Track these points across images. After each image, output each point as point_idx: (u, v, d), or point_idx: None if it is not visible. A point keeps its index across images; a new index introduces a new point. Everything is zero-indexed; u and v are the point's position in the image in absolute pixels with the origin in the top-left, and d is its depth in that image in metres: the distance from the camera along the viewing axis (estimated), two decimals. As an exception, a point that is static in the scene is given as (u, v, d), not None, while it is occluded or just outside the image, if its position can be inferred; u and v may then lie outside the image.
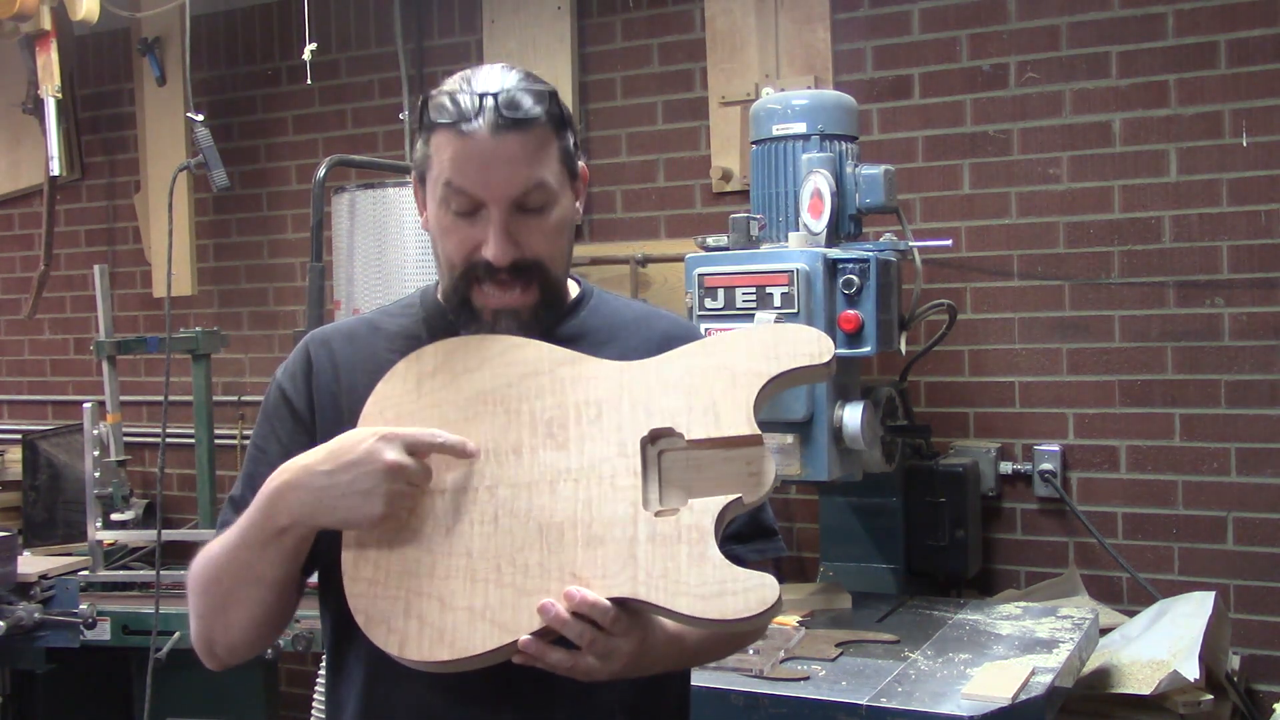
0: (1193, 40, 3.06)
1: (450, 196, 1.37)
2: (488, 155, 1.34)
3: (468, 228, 1.37)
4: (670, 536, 1.25)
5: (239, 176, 4.15)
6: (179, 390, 3.76)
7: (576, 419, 1.33)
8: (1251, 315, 3.03)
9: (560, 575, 1.26)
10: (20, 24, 3.52)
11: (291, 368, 1.51)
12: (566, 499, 1.30)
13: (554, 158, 1.39)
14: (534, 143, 1.36)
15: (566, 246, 1.45)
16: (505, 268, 1.37)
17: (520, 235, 1.37)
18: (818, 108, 2.85)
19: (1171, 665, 2.47)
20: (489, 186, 1.35)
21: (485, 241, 1.36)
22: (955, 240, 3.16)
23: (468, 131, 1.34)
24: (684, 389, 1.33)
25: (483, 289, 1.39)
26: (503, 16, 3.82)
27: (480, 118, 1.33)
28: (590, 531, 1.28)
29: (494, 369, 1.37)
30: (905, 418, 3.08)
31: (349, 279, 3.26)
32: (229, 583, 1.37)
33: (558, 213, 1.40)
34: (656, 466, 1.30)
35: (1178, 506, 3.10)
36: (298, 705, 3.89)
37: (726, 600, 1.23)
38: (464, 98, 1.35)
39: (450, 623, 1.27)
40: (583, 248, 3.69)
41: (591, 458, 1.31)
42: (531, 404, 1.35)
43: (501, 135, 1.33)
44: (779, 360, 1.33)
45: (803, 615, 2.72)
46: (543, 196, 1.38)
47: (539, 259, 1.39)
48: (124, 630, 3.33)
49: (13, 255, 4.78)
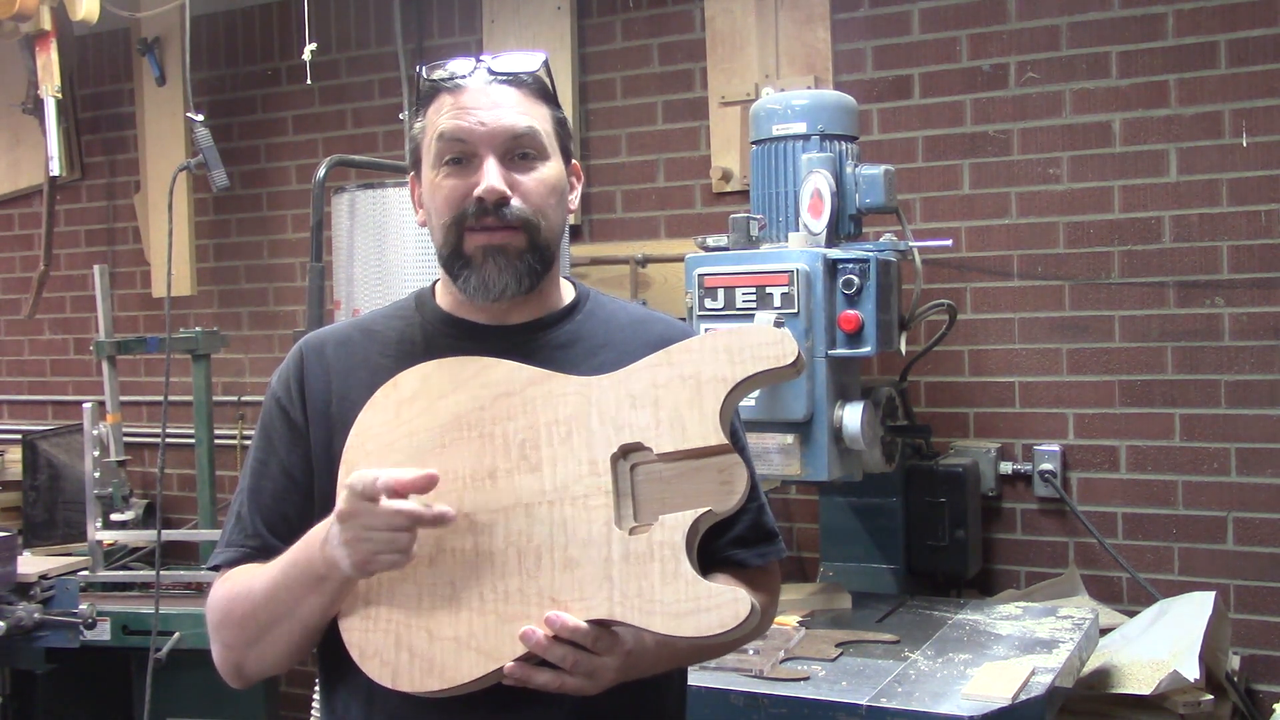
0: (1193, 40, 3.06)
1: (444, 149, 1.41)
2: (481, 102, 1.40)
3: (459, 179, 1.40)
4: (643, 555, 1.26)
5: (239, 176, 4.15)
6: (179, 390, 3.76)
7: (548, 439, 1.33)
8: (1251, 315, 3.03)
9: (540, 600, 1.28)
10: (20, 24, 3.52)
11: (285, 377, 1.50)
12: (542, 522, 1.30)
13: (545, 117, 1.45)
14: (526, 96, 1.43)
15: (557, 212, 1.46)
16: (493, 204, 1.39)
17: (510, 182, 1.40)
18: (818, 108, 2.85)
19: (1171, 665, 2.47)
20: (482, 129, 1.39)
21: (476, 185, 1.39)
22: (955, 240, 3.16)
23: (462, 85, 1.41)
24: (650, 402, 1.31)
25: (473, 233, 1.41)
26: (503, 16, 3.82)
27: (474, 75, 1.41)
28: (566, 554, 1.29)
29: (469, 392, 1.37)
30: (905, 418, 3.08)
31: (349, 279, 3.26)
32: (266, 619, 1.38)
33: (548, 171, 1.43)
34: (628, 482, 1.30)
35: (1178, 506, 3.10)
36: (298, 705, 3.89)
37: (700, 617, 1.24)
38: (457, 62, 1.43)
39: (438, 653, 1.30)
40: (583, 248, 3.69)
41: (564, 478, 1.31)
42: (504, 426, 1.34)
43: (494, 86, 1.41)
44: (742, 365, 1.31)
45: (803, 615, 2.72)
46: (533, 144, 1.42)
47: (527, 205, 1.41)
48: (124, 630, 3.33)
49: (13, 255, 4.78)
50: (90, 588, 3.48)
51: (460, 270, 1.43)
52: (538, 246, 1.42)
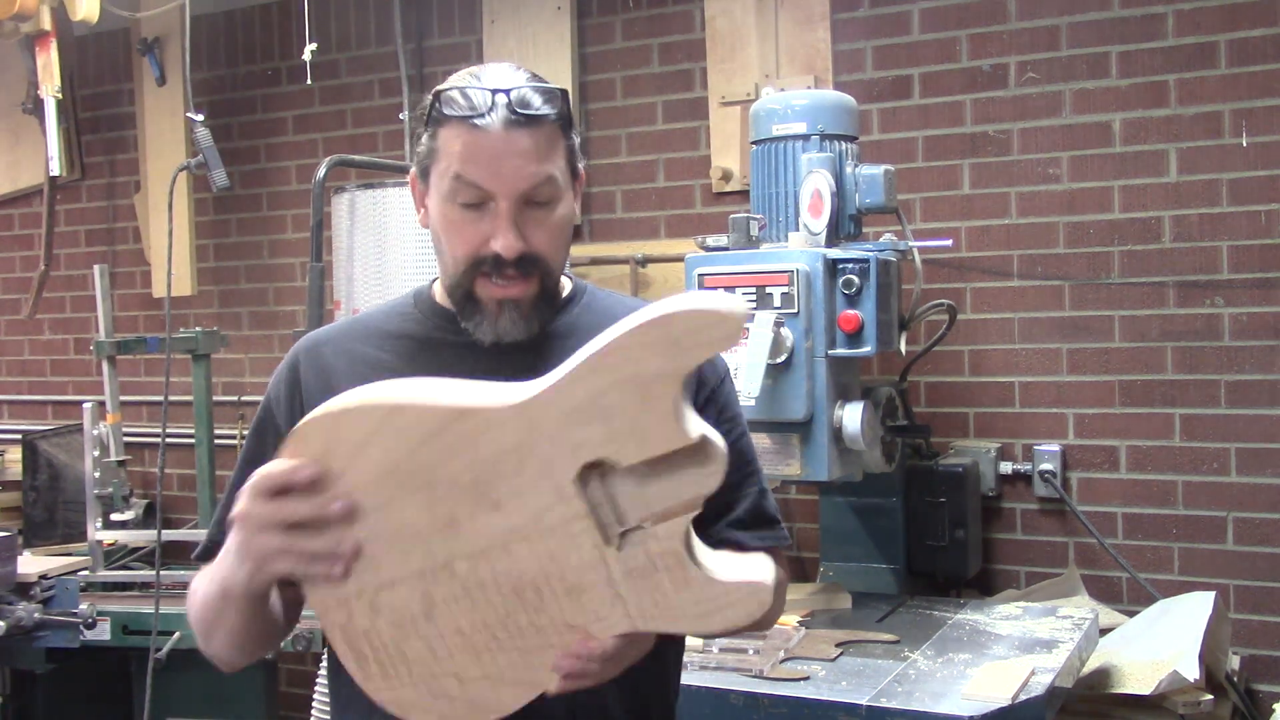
0: (1193, 40, 3.06)
1: (459, 189, 1.37)
2: (499, 149, 1.35)
3: (474, 221, 1.38)
4: (646, 569, 1.22)
5: (239, 176, 4.15)
6: (179, 390, 3.76)
7: (499, 474, 1.21)
8: (1251, 315, 3.03)
9: (556, 629, 1.24)
10: (20, 24, 3.52)
11: (280, 383, 1.50)
12: (526, 558, 1.22)
13: (561, 156, 1.41)
14: (544, 139, 1.38)
15: (566, 245, 1.46)
16: (513, 260, 1.37)
17: (526, 229, 1.38)
18: (818, 108, 2.85)
19: (1171, 665, 2.47)
20: (500, 179, 1.36)
21: (492, 235, 1.37)
22: (955, 240, 3.16)
23: (480, 125, 1.35)
24: (597, 415, 1.18)
25: (489, 281, 1.39)
26: (503, 16, 3.82)
27: (493, 113, 1.35)
28: (565, 583, 1.22)
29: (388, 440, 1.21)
30: (905, 418, 3.08)
31: (349, 279, 3.26)
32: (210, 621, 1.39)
33: (562, 209, 1.42)
34: (601, 494, 1.21)
35: (1178, 506, 3.10)
36: (298, 705, 3.88)
37: (725, 613, 1.22)
38: (476, 93, 1.36)
39: (476, 693, 1.27)
40: (583, 248, 3.69)
41: (532, 511, 1.21)
42: (445, 470, 1.21)
43: (513, 130, 1.35)
44: (685, 353, 1.17)
45: (803, 615, 2.72)
46: (550, 191, 1.39)
47: (542, 254, 1.40)
48: (124, 630, 3.33)
49: (13, 255, 4.78)
50: (90, 588, 3.48)
51: (472, 314, 1.42)
52: (548, 290, 1.43)
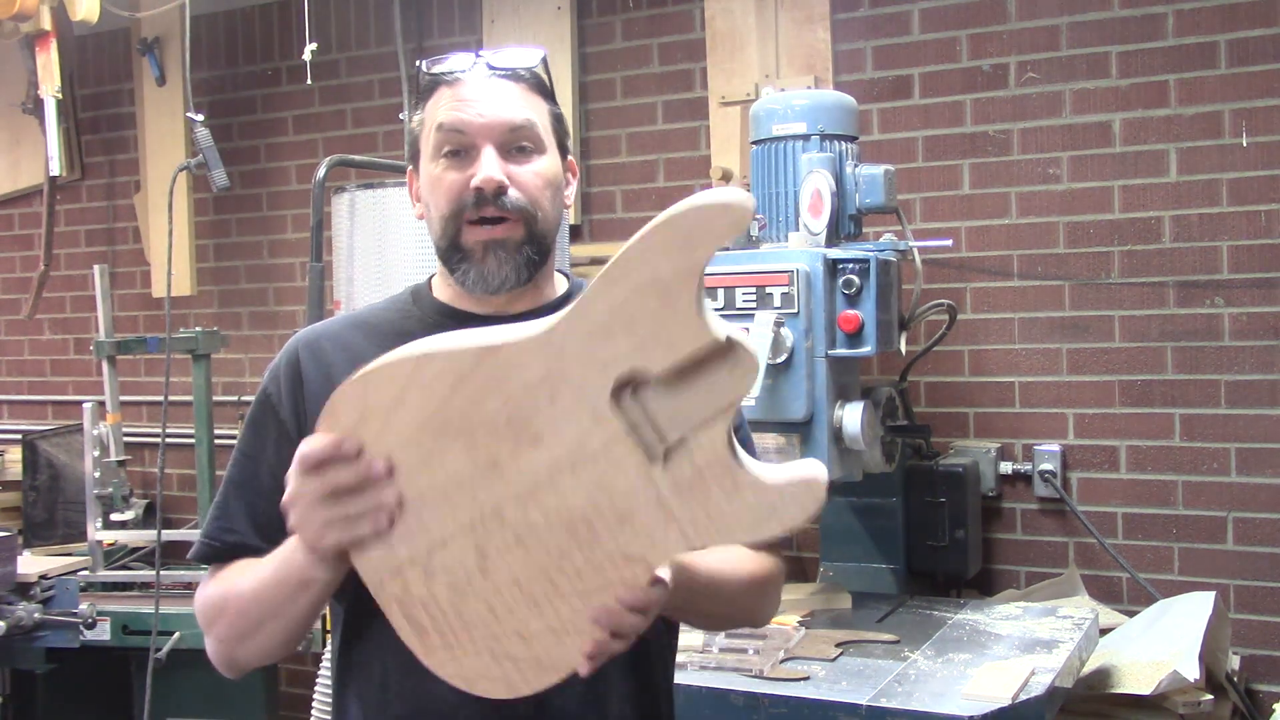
0: (1193, 40, 3.06)
1: (442, 140, 1.42)
2: (479, 93, 1.43)
3: (457, 171, 1.42)
4: (694, 481, 1.19)
5: (239, 176, 4.15)
6: (179, 390, 3.76)
7: (535, 408, 1.20)
8: (1251, 315, 3.03)
9: (613, 563, 1.21)
10: (20, 24, 3.52)
11: (279, 376, 1.49)
12: (573, 491, 1.21)
13: (543, 111, 1.47)
14: (523, 91, 1.45)
15: (553, 205, 1.46)
16: (493, 194, 1.39)
17: (509, 175, 1.41)
18: (818, 108, 2.85)
19: (1171, 665, 2.47)
20: (481, 118, 1.41)
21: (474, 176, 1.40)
22: (955, 240, 3.16)
23: (461, 79, 1.44)
24: (620, 326, 1.18)
25: (474, 227, 1.42)
26: (503, 16, 3.82)
27: (474, 69, 1.44)
28: (616, 511, 1.20)
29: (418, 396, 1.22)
30: (905, 418, 3.08)
31: (349, 279, 3.26)
32: (258, 616, 1.36)
33: (545, 164, 1.45)
34: (638, 411, 1.20)
35: (1178, 506, 3.10)
36: (298, 705, 3.88)
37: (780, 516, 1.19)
38: (457, 58, 1.45)
39: (540, 651, 1.24)
40: (583, 248, 3.69)
41: (573, 440, 1.21)
42: (480, 412, 1.21)
43: (493, 80, 1.44)
44: (697, 247, 1.18)
45: (803, 615, 2.72)
46: (530, 137, 1.43)
47: (525, 197, 1.42)
48: (124, 630, 3.33)
49: (13, 255, 4.78)
50: (90, 588, 3.48)
51: (459, 264, 1.43)
52: (535, 238, 1.44)
